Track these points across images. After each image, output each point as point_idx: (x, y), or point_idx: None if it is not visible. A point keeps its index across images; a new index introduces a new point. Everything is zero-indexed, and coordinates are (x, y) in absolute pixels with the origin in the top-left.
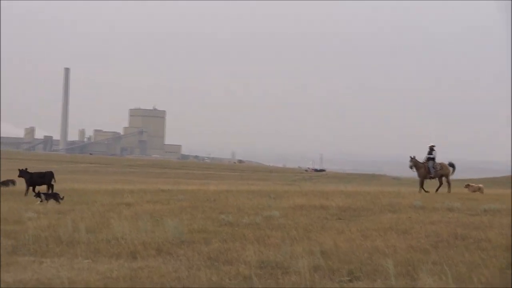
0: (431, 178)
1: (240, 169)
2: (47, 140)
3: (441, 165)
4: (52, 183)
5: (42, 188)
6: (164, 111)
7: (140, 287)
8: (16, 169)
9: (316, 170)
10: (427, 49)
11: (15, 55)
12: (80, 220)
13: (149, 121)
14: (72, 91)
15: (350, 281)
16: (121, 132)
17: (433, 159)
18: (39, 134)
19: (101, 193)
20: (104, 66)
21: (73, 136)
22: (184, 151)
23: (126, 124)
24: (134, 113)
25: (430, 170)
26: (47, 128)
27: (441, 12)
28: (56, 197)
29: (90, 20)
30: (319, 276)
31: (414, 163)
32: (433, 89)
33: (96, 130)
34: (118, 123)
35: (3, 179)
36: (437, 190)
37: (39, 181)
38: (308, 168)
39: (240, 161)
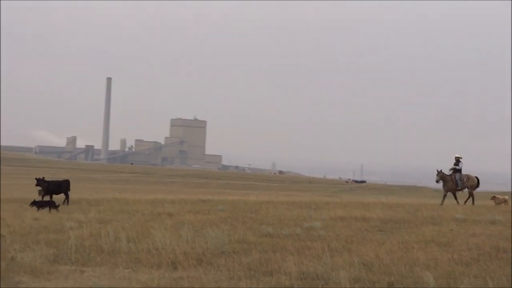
0: (458, 190)
1: (280, 180)
2: (89, 149)
3: (468, 176)
4: (68, 192)
5: (60, 197)
6: (205, 121)
7: None
8: (57, 178)
9: (356, 182)
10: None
11: (58, 65)
12: (121, 229)
13: (190, 131)
14: (114, 101)
15: None
16: (162, 142)
17: (459, 170)
18: (80, 144)
19: (142, 203)
20: (146, 76)
21: (114, 145)
22: (225, 161)
23: (167, 134)
24: (175, 123)
25: (457, 182)
26: (88, 137)
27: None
28: (52, 205)
29: (132, 27)
30: None
31: (442, 177)
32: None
33: (137, 140)
34: (159, 133)
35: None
36: (466, 201)
37: (56, 190)
38: (349, 179)
39: (281, 172)
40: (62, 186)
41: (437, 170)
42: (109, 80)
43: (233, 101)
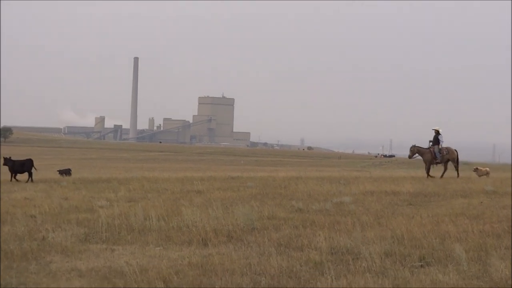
0: (437, 163)
1: (309, 156)
2: (117, 129)
3: (448, 149)
4: (32, 171)
5: (24, 176)
6: (232, 99)
7: (212, 273)
8: (86, 157)
9: (385, 156)
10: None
11: (86, 46)
12: (151, 208)
13: (218, 109)
14: (142, 80)
15: (422, 266)
16: (190, 120)
17: (438, 143)
18: (109, 123)
19: (172, 181)
20: (173, 55)
21: (142, 125)
22: (253, 138)
23: (195, 112)
24: (203, 101)
25: (436, 155)
26: (117, 117)
27: None
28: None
29: (159, 7)
30: (390, 262)
31: (417, 150)
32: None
33: (165, 119)
34: (187, 111)
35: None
36: (442, 175)
37: (19, 169)
38: (378, 154)
39: (309, 148)
40: (25, 165)
41: (412, 145)
42: (136, 59)
43: (261, 78)
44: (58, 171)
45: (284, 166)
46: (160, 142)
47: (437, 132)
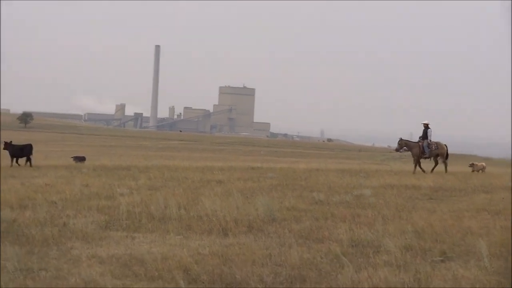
0: (425, 158)
1: (329, 148)
2: (137, 117)
3: (437, 144)
4: (30, 155)
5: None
6: (253, 89)
7: (232, 263)
8: (106, 145)
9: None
10: None
11: (106, 33)
12: (171, 196)
13: (238, 98)
14: (163, 69)
15: (443, 261)
16: (211, 109)
17: (427, 137)
18: (129, 111)
19: (192, 170)
20: (194, 43)
21: (163, 113)
22: (273, 129)
23: (215, 102)
24: (224, 91)
25: (424, 149)
26: (137, 105)
27: None
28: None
29: None
30: (411, 256)
31: (405, 144)
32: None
33: (186, 108)
34: (208, 100)
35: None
36: (432, 170)
37: (19, 153)
38: None
39: (329, 140)
40: (25, 150)
41: (400, 139)
42: (157, 47)
43: (281, 69)
44: (72, 157)
45: (304, 157)
46: (181, 131)
47: (426, 126)
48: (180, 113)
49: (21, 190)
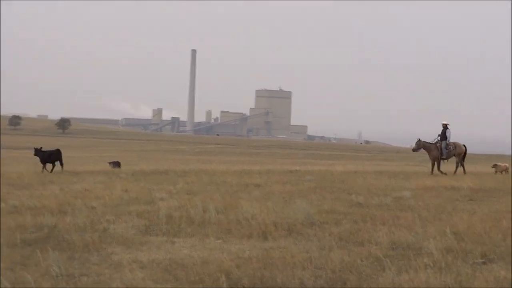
0: (443, 159)
1: (366, 150)
2: (175, 121)
3: (455, 144)
4: (59, 161)
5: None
6: (290, 92)
7: (273, 267)
8: (144, 149)
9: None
10: None
11: (143, 39)
12: (210, 200)
13: (275, 102)
14: (199, 73)
15: (484, 263)
16: (248, 113)
17: (445, 138)
18: (166, 115)
19: (230, 174)
20: (231, 47)
21: (200, 117)
22: (310, 131)
23: (252, 105)
24: (260, 94)
25: (443, 151)
26: (174, 109)
27: None
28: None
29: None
30: (452, 258)
31: (423, 145)
32: None
33: (222, 111)
34: (244, 104)
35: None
36: (455, 171)
37: (47, 159)
38: None
39: (367, 142)
40: (53, 156)
41: (418, 139)
42: (194, 52)
43: (318, 71)
44: (108, 163)
45: (341, 160)
46: (218, 135)
47: (445, 127)
48: (217, 117)
49: (60, 196)
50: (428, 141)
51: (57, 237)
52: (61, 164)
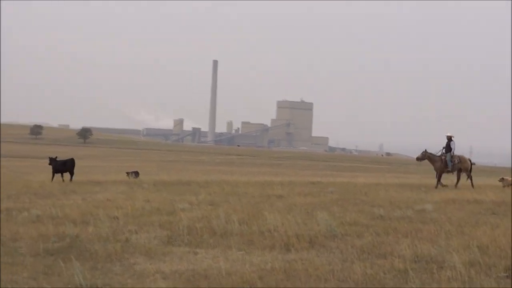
0: (448, 172)
1: (387, 162)
2: (195, 131)
3: (460, 158)
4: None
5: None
6: (311, 103)
7: (295, 279)
8: (165, 160)
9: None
10: None
11: (164, 49)
12: (232, 211)
13: (296, 113)
14: (220, 83)
15: (508, 277)
16: (269, 124)
17: (450, 150)
18: (187, 126)
19: (251, 185)
20: (252, 58)
21: (221, 127)
22: (331, 143)
23: (273, 116)
24: (282, 105)
25: (447, 163)
26: (195, 119)
27: None
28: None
29: (238, 11)
30: (475, 271)
31: (428, 157)
32: None
33: (243, 122)
34: (265, 115)
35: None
36: (456, 184)
37: (61, 168)
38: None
39: (388, 154)
40: (66, 165)
41: (424, 150)
42: (215, 62)
43: (339, 83)
44: (127, 172)
45: (362, 172)
46: (239, 146)
47: (450, 139)
48: (238, 128)
49: (82, 206)
50: (434, 154)
51: (79, 247)
52: (71, 174)
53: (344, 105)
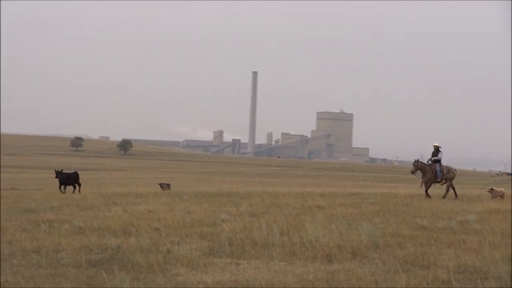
0: (437, 182)
1: None
2: (235, 143)
3: (448, 168)
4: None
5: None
6: (351, 114)
7: None
8: (205, 171)
9: (508, 174)
10: None
11: (204, 62)
12: (273, 222)
13: (336, 124)
14: (260, 95)
15: None
16: (309, 135)
17: (439, 161)
18: (227, 137)
19: (292, 196)
20: (292, 69)
21: (260, 139)
22: (372, 154)
23: (313, 127)
24: (321, 116)
25: (437, 173)
26: (235, 131)
27: None
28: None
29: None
30: None
31: (421, 167)
32: None
33: (283, 133)
34: (305, 126)
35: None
36: (444, 196)
37: (66, 181)
38: (500, 171)
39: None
40: (71, 178)
41: (415, 160)
42: (255, 74)
43: (379, 93)
44: (159, 184)
45: (403, 182)
46: (279, 157)
47: (437, 149)
48: (278, 139)
49: (124, 217)
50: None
51: (121, 258)
52: (78, 186)
53: (385, 115)
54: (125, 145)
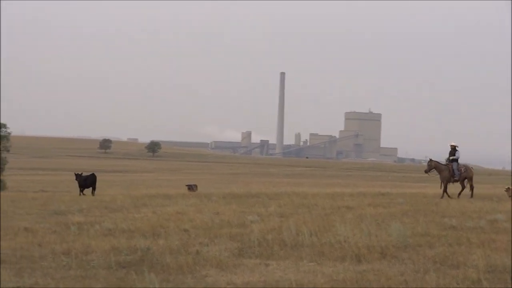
0: (455, 181)
1: None
2: (264, 144)
3: (465, 167)
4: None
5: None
6: (379, 114)
7: None
8: (234, 172)
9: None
10: None
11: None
12: (302, 223)
13: (364, 124)
14: (288, 95)
15: None
16: (337, 135)
17: (456, 160)
18: (255, 138)
19: (321, 196)
20: (319, 70)
21: (289, 139)
22: (400, 154)
23: (341, 128)
24: (350, 117)
25: (454, 172)
26: (263, 132)
27: None
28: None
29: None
30: None
31: (435, 166)
32: None
33: (311, 134)
34: (333, 126)
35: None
36: (459, 194)
37: (83, 183)
38: None
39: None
40: (88, 180)
41: (429, 159)
42: (282, 74)
43: (407, 93)
44: (186, 185)
45: (432, 182)
46: (307, 158)
47: (454, 148)
48: (306, 140)
49: (153, 219)
50: (441, 163)
51: (151, 259)
52: (93, 189)
53: (413, 115)
54: (153, 146)
